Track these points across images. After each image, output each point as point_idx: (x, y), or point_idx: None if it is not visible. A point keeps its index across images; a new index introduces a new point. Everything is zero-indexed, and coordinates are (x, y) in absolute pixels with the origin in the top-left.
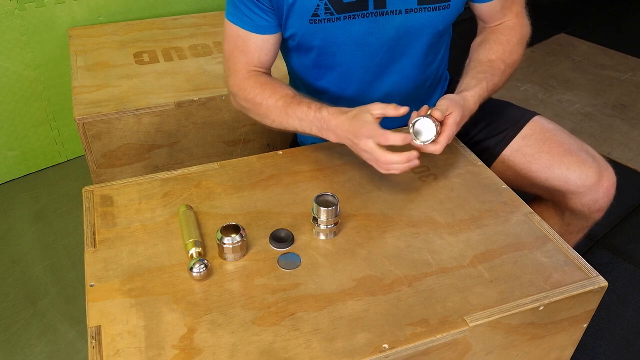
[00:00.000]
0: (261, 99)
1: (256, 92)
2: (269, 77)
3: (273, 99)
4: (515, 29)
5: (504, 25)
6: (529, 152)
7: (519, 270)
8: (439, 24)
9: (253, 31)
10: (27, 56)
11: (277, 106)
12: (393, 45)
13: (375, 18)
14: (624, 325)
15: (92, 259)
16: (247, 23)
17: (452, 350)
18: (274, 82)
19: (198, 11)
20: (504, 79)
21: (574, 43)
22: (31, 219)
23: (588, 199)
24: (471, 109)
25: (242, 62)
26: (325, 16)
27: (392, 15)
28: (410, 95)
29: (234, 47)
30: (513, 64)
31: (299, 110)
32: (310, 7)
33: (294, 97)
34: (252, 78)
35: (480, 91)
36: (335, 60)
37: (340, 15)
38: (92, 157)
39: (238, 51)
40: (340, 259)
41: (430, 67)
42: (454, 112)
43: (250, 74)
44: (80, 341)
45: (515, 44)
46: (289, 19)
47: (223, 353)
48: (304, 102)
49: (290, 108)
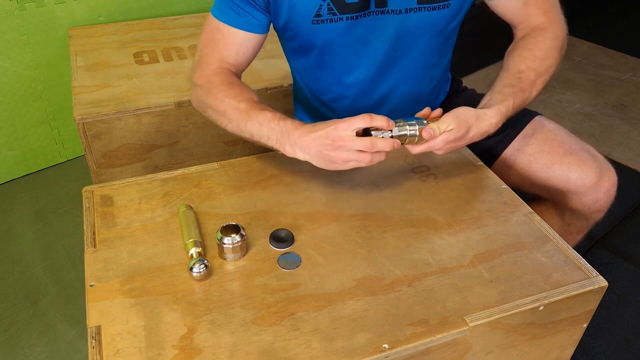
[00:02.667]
0: (224, 96)
1: (221, 88)
2: (239, 79)
3: (236, 100)
4: (547, 29)
5: (534, 27)
6: (530, 151)
7: (519, 270)
8: (439, 23)
9: (236, 26)
10: (27, 56)
11: (238, 107)
12: (394, 45)
13: (377, 17)
14: (624, 325)
15: (92, 259)
16: (232, 18)
17: (452, 350)
18: (243, 85)
19: (198, 11)
20: (536, 90)
21: (574, 43)
22: (31, 219)
23: (588, 199)
24: (487, 129)
25: (215, 56)
26: (328, 16)
27: (393, 15)
28: (413, 96)
29: (209, 39)
30: (547, 70)
31: (262, 115)
32: (312, 7)
33: (258, 103)
34: (222, 75)
35: (504, 109)
36: (337, 61)
37: (342, 16)
38: (92, 157)
39: (213, 44)
40: (340, 259)
41: (436, 68)
42: (454, 129)
43: (222, 70)
44: (80, 341)
45: (548, 47)
46: (291, 20)
47: (223, 353)
48: (267, 109)
49: (252, 112)
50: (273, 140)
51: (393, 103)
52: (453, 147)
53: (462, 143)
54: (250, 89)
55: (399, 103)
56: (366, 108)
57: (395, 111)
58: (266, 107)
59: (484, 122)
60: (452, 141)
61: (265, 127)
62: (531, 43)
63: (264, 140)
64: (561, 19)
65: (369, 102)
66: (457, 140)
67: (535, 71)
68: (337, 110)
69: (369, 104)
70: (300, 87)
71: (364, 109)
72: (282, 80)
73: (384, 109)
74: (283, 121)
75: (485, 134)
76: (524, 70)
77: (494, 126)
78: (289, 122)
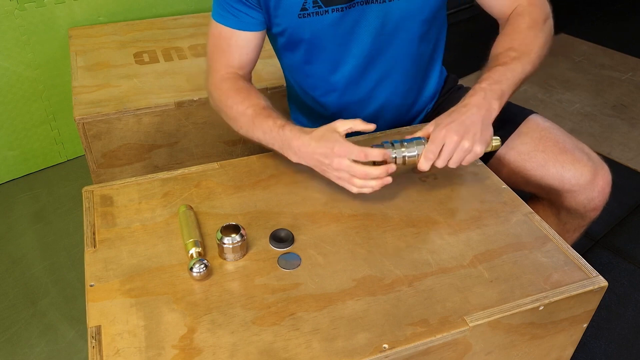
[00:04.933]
0: (232, 103)
1: (230, 94)
2: (247, 83)
3: (243, 106)
4: (524, 14)
5: (512, 14)
6: (524, 150)
7: (519, 270)
8: (424, 10)
9: (236, 28)
10: (27, 56)
11: (245, 114)
12: (380, 35)
13: (362, 7)
14: (624, 325)
15: (92, 259)
16: (231, 20)
17: (452, 350)
18: (250, 89)
19: (198, 11)
20: (522, 66)
21: (574, 43)
22: (31, 219)
23: (583, 197)
24: (475, 109)
25: (221, 62)
26: (313, 9)
27: (377, 4)
28: (403, 87)
29: (215, 46)
30: (529, 50)
31: (265, 123)
32: (298, 1)
33: (264, 108)
34: (230, 80)
35: (484, 84)
36: (325, 54)
37: (328, 8)
38: (92, 157)
39: (219, 51)
40: (340, 259)
41: (423, 57)
42: (431, 137)
43: (229, 75)
44: (80, 341)
45: (525, 29)
46: (278, 15)
47: (223, 353)
48: (271, 116)
49: (257, 119)
50: (277, 148)
51: (383, 95)
52: (452, 148)
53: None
54: (258, 93)
55: (389, 95)
56: (355, 101)
57: (386, 104)
58: (270, 113)
59: (464, 107)
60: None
61: (268, 136)
62: (508, 28)
63: (270, 146)
64: (541, 1)
65: (359, 95)
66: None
67: (515, 51)
68: (327, 105)
69: (358, 96)
70: (291, 86)
71: (353, 102)
72: (282, 80)
73: (374, 101)
74: (282, 130)
75: (480, 112)
76: (501, 52)
77: (482, 102)
78: (287, 130)
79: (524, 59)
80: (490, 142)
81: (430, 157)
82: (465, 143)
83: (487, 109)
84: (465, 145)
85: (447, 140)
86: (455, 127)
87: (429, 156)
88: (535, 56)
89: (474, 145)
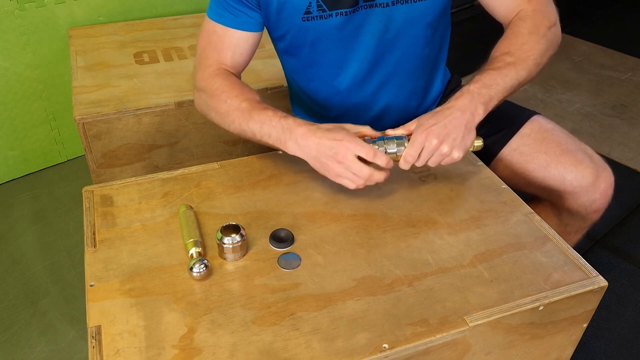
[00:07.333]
0: (226, 97)
1: (223, 89)
2: (239, 79)
3: (238, 100)
4: (526, 19)
5: (515, 18)
6: (527, 151)
7: (519, 270)
8: (427, 14)
9: (231, 26)
10: (27, 56)
11: (240, 107)
12: (383, 38)
13: (365, 11)
14: (624, 325)
15: (92, 259)
16: (228, 19)
17: (452, 350)
18: (243, 84)
19: (198, 11)
20: (517, 72)
21: (574, 43)
22: (31, 219)
23: (585, 199)
24: (458, 112)
25: (213, 58)
26: (317, 13)
27: (381, 8)
28: (407, 90)
29: (207, 42)
30: (527, 56)
31: (264, 114)
32: (302, 5)
33: (260, 102)
34: (222, 75)
35: (472, 88)
36: (328, 58)
37: (332, 12)
38: (92, 157)
39: (211, 47)
40: (340, 259)
41: (427, 61)
42: (412, 137)
43: (220, 71)
44: (80, 341)
45: (526, 34)
46: (281, 18)
47: (223, 353)
48: (269, 108)
49: (254, 111)
50: (274, 138)
51: (387, 97)
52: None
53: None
54: (252, 89)
55: (393, 97)
56: (359, 103)
57: (389, 106)
58: (268, 106)
59: (448, 109)
60: (416, 148)
61: (267, 126)
62: (509, 33)
63: (265, 139)
64: (546, 8)
65: (362, 98)
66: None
67: (512, 55)
68: (330, 108)
69: (362, 99)
70: (294, 89)
71: (357, 104)
72: (282, 80)
73: (377, 104)
74: (284, 119)
75: (464, 116)
76: (497, 56)
77: (467, 105)
78: (291, 119)
79: (520, 64)
80: (469, 146)
81: (409, 160)
82: (444, 147)
83: (472, 112)
84: (444, 150)
85: (427, 144)
86: (436, 130)
87: (408, 159)
88: (532, 63)
89: (453, 150)
